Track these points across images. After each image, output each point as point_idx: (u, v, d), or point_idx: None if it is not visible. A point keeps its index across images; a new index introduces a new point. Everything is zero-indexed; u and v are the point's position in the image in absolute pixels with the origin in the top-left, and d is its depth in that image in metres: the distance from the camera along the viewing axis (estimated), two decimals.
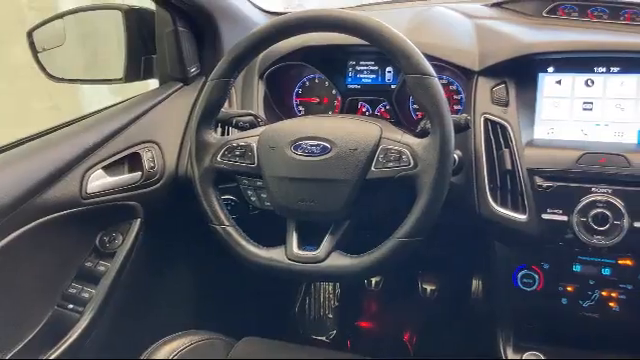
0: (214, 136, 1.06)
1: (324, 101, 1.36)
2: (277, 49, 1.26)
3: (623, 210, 0.97)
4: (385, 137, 0.98)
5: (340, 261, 0.97)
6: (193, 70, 1.36)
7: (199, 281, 1.51)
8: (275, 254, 1.01)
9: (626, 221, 0.97)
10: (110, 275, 1.19)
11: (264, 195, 1.06)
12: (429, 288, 1.66)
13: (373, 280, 1.72)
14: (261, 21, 1.41)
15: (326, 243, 0.99)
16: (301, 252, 0.99)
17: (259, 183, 1.06)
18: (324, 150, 0.98)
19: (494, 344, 1.21)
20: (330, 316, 1.83)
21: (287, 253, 1.00)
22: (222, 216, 1.04)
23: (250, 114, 1.15)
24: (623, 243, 0.97)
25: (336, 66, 1.31)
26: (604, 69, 1.07)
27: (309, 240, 1.01)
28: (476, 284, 1.33)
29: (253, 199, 1.10)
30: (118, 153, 1.20)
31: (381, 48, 0.96)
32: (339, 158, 0.97)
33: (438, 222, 0.94)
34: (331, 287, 1.83)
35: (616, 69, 1.07)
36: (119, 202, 1.20)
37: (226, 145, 1.05)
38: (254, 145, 1.04)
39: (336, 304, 1.83)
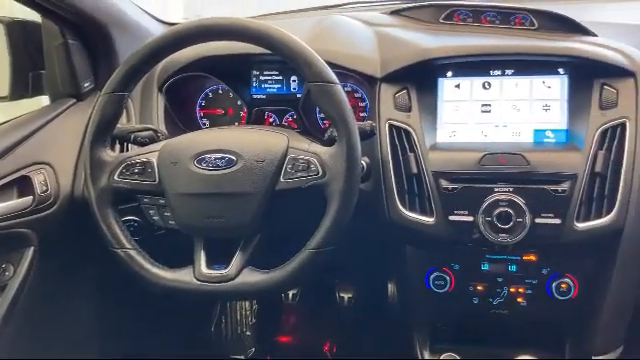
0: (110, 154, 1.00)
1: (229, 112, 1.33)
2: (176, 59, 1.21)
3: (524, 207, 1.00)
4: (292, 147, 0.96)
5: (252, 278, 0.94)
6: (87, 85, 1.28)
7: (106, 307, 1.42)
8: (182, 275, 0.96)
9: (528, 218, 1.00)
10: (1, 310, 1.09)
11: (168, 214, 1.01)
12: (346, 296, 1.65)
13: (290, 293, 1.69)
14: (158, 32, 1.35)
15: (236, 260, 0.95)
16: (210, 271, 0.95)
17: (162, 201, 1.01)
18: (229, 163, 0.95)
19: (411, 347, 1.21)
20: (248, 333, 1.79)
21: (195, 273, 0.95)
22: (123, 239, 0.98)
23: (149, 129, 1.10)
24: (527, 239, 1.01)
25: (240, 76, 1.28)
26: (499, 72, 1.11)
27: (219, 258, 0.97)
28: (391, 288, 1.34)
29: (156, 218, 1.04)
30: (5, 177, 1.10)
31: (283, 56, 0.94)
32: (246, 170, 0.94)
33: (350, 229, 0.93)
34: (248, 303, 1.79)
35: (510, 71, 1.11)
36: (8, 230, 1.10)
37: (124, 163, 0.99)
38: (154, 161, 0.98)
39: (254, 320, 1.79)
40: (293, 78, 1.27)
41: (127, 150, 1.16)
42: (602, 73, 1.05)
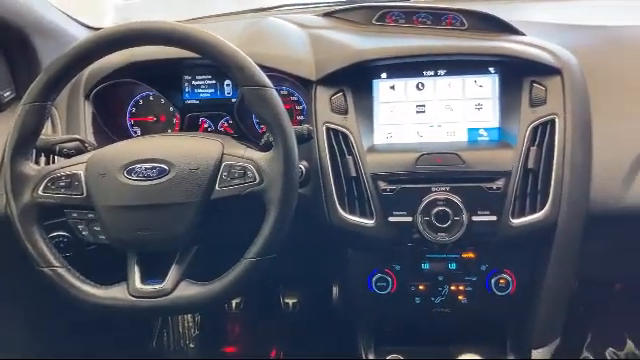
0: (33, 167, 0.94)
1: (161, 119, 1.28)
2: (104, 65, 1.17)
3: (461, 206, 1.01)
4: (227, 153, 0.94)
5: (189, 291, 0.91)
6: (7, 94, 1.22)
7: (38, 329, 1.34)
8: (115, 292, 0.91)
9: (465, 216, 1.01)
10: None
11: (97, 228, 0.96)
12: (291, 302, 1.63)
13: (234, 302, 1.66)
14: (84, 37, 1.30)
15: (172, 273, 0.92)
16: (145, 286, 0.91)
17: (91, 215, 0.96)
18: (161, 172, 0.91)
19: (356, 350, 1.21)
20: (192, 346, 1.74)
21: (129, 289, 0.91)
22: (50, 256, 0.92)
23: (76, 139, 1.04)
24: (465, 237, 1.02)
25: (171, 82, 1.24)
26: (432, 72, 1.12)
27: (154, 272, 0.93)
28: (336, 292, 1.33)
29: (85, 234, 0.99)
30: None
31: (214, 61, 0.91)
32: (179, 180, 0.91)
33: (292, 234, 0.92)
34: (190, 315, 1.74)
35: (443, 72, 1.12)
36: None
37: (49, 176, 0.93)
38: (81, 173, 0.93)
39: (197, 332, 1.74)
40: (227, 82, 1.24)
41: (52, 162, 1.10)
42: (531, 71, 1.08)
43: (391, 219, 1.04)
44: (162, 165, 0.91)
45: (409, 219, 1.03)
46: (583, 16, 1.33)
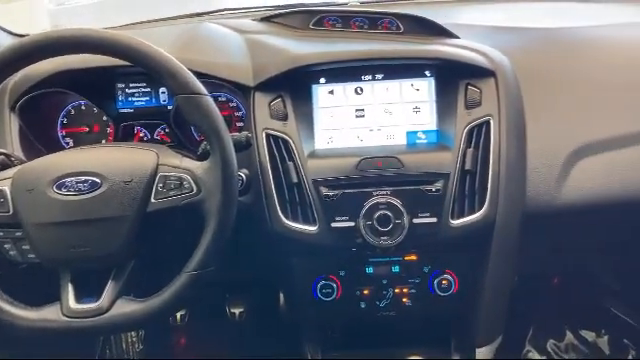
0: None
1: (95, 129, 1.24)
2: (31, 74, 1.11)
3: (402, 209, 1.02)
4: (163, 164, 0.91)
5: (127, 308, 0.88)
6: None
7: None
8: (48, 313, 0.87)
9: (406, 219, 1.02)
10: None
11: (26, 247, 0.91)
12: (237, 311, 1.61)
13: (178, 314, 1.62)
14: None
15: (109, 291, 0.88)
16: (80, 306, 0.87)
17: (18, 234, 0.91)
18: (93, 186, 0.87)
19: (304, 357, 1.20)
20: None
21: (63, 310, 0.87)
22: None
23: (0, 153, 0.99)
24: (407, 240, 1.02)
25: (103, 90, 1.20)
26: (370, 76, 1.12)
27: (89, 290, 0.90)
28: (282, 300, 1.32)
29: (12, 253, 0.94)
30: None
31: (146, 68, 0.88)
32: (112, 193, 0.87)
33: (235, 244, 0.90)
34: None
35: (380, 76, 1.12)
36: None
37: None
38: (7, 190, 0.89)
39: (141, 347, 1.69)
40: (162, 90, 1.21)
41: None
42: (466, 74, 1.10)
43: (334, 225, 1.04)
44: (94, 178, 0.88)
45: (352, 224, 1.03)
46: (514, 18, 1.37)
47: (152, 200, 0.88)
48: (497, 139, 1.05)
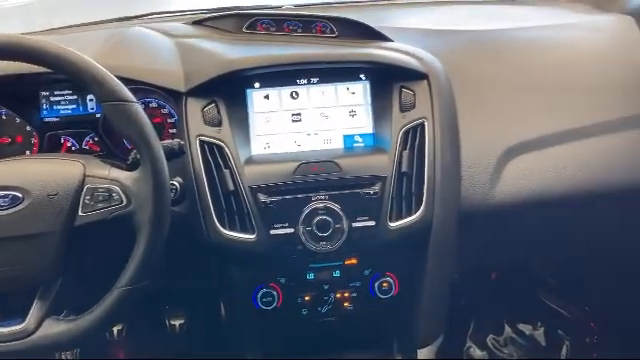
0: None
1: (18, 140, 1.17)
2: None
3: (341, 213, 1.01)
4: (90, 175, 0.87)
5: (55, 329, 0.83)
6: None
7: None
8: None
9: (345, 223, 1.01)
10: None
11: None
12: (177, 323, 1.56)
13: (115, 329, 1.55)
14: None
15: (35, 311, 0.84)
16: (3, 329, 0.82)
17: None
18: (14, 201, 0.83)
19: None
20: None
21: None
22: None
23: None
24: (346, 244, 1.02)
25: (25, 98, 1.13)
26: (305, 81, 1.11)
27: (13, 311, 0.85)
28: (222, 311, 1.29)
29: None
30: None
31: (69, 76, 0.84)
32: (35, 208, 0.83)
33: (171, 255, 0.87)
34: None
35: (316, 79, 1.11)
36: None
37: None
38: None
39: None
40: (90, 97, 1.15)
41: None
42: (399, 77, 1.10)
43: (273, 232, 1.02)
44: (15, 193, 0.83)
45: (291, 230, 1.02)
46: (444, 21, 1.39)
47: (79, 214, 0.85)
48: (432, 141, 1.06)
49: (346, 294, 1.11)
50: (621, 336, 1.69)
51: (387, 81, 1.11)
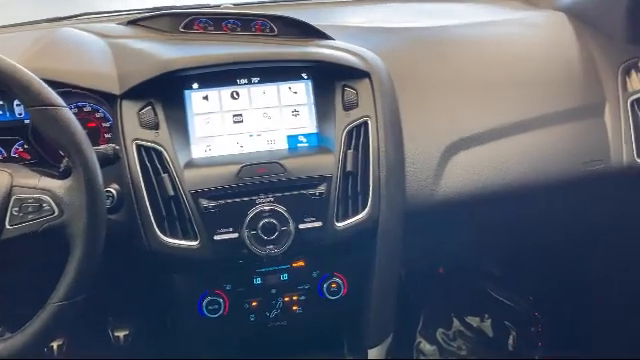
0: None
1: None
2: None
3: (287, 215, 0.99)
4: (18, 185, 0.82)
5: None
6: None
7: None
8: None
9: (292, 225, 0.99)
10: None
11: None
12: (122, 334, 1.50)
13: (55, 344, 1.48)
14: None
15: None
16: None
17: None
18: None
19: None
20: None
21: None
22: None
23: None
24: (293, 246, 1.00)
25: None
26: (246, 80, 1.09)
27: None
28: (169, 321, 1.25)
29: None
30: None
31: None
32: None
33: (110, 265, 0.83)
34: None
35: (256, 79, 1.09)
36: None
37: None
38: None
39: None
40: (17, 102, 1.09)
41: None
42: (342, 75, 1.09)
43: (216, 237, 0.99)
44: None
45: (235, 235, 0.99)
46: (386, 19, 1.39)
47: (7, 226, 0.80)
48: (375, 139, 1.06)
49: (295, 297, 1.09)
50: (564, 324, 1.74)
51: (329, 80, 1.10)
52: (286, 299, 1.09)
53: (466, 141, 1.15)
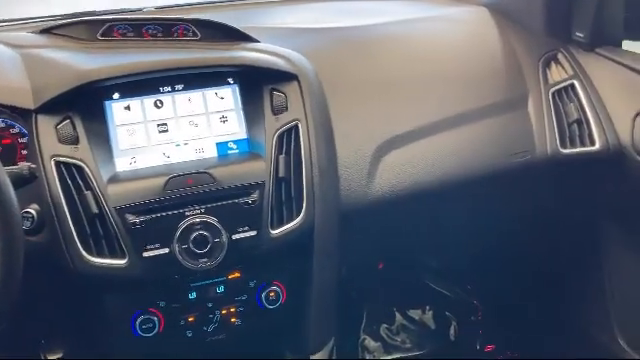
0: None
1: None
2: None
3: (219, 226, 0.96)
4: None
5: None
6: None
7: None
8: None
9: (225, 236, 0.97)
10: None
11: None
12: (54, 358, 1.43)
13: None
14: None
15: None
16: None
17: None
18: None
19: None
20: None
21: None
22: None
23: None
24: (228, 258, 0.97)
25: None
26: (169, 88, 1.05)
27: None
28: (103, 342, 1.19)
29: None
30: None
31: None
32: None
33: (36, 288, 0.80)
34: None
35: (180, 86, 1.05)
36: None
37: None
38: None
39: None
40: None
41: None
42: (269, 79, 1.07)
43: (146, 254, 0.94)
44: None
45: (166, 250, 0.95)
46: (312, 19, 1.38)
47: None
48: (307, 143, 1.05)
49: (232, 309, 1.06)
50: (502, 310, 1.79)
51: (257, 84, 1.07)
52: (224, 312, 1.06)
53: (397, 140, 1.16)
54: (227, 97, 1.07)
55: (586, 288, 1.53)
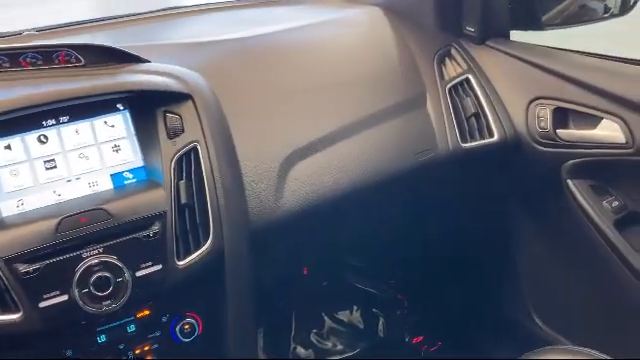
0: None
1: None
2: None
3: (120, 265, 0.91)
4: None
5: None
6: None
7: None
8: None
9: (128, 275, 0.91)
10: None
11: None
12: None
13: None
14: None
15: None
16: None
17: None
18: None
19: None
20: None
21: None
22: None
23: None
24: (134, 296, 0.92)
25: None
26: (54, 121, 0.97)
27: None
28: None
29: None
30: None
31: None
32: None
33: None
34: None
35: (66, 118, 0.98)
36: None
37: None
38: None
39: None
40: None
41: None
42: (161, 101, 1.02)
43: (42, 304, 0.87)
44: None
45: (65, 298, 0.88)
46: (205, 32, 1.33)
47: None
48: (208, 165, 1.01)
49: (147, 347, 1.01)
50: (426, 301, 1.83)
51: (148, 107, 1.02)
52: (137, 351, 1.00)
53: (300, 152, 1.14)
54: (118, 124, 1.01)
55: (501, 271, 1.58)
